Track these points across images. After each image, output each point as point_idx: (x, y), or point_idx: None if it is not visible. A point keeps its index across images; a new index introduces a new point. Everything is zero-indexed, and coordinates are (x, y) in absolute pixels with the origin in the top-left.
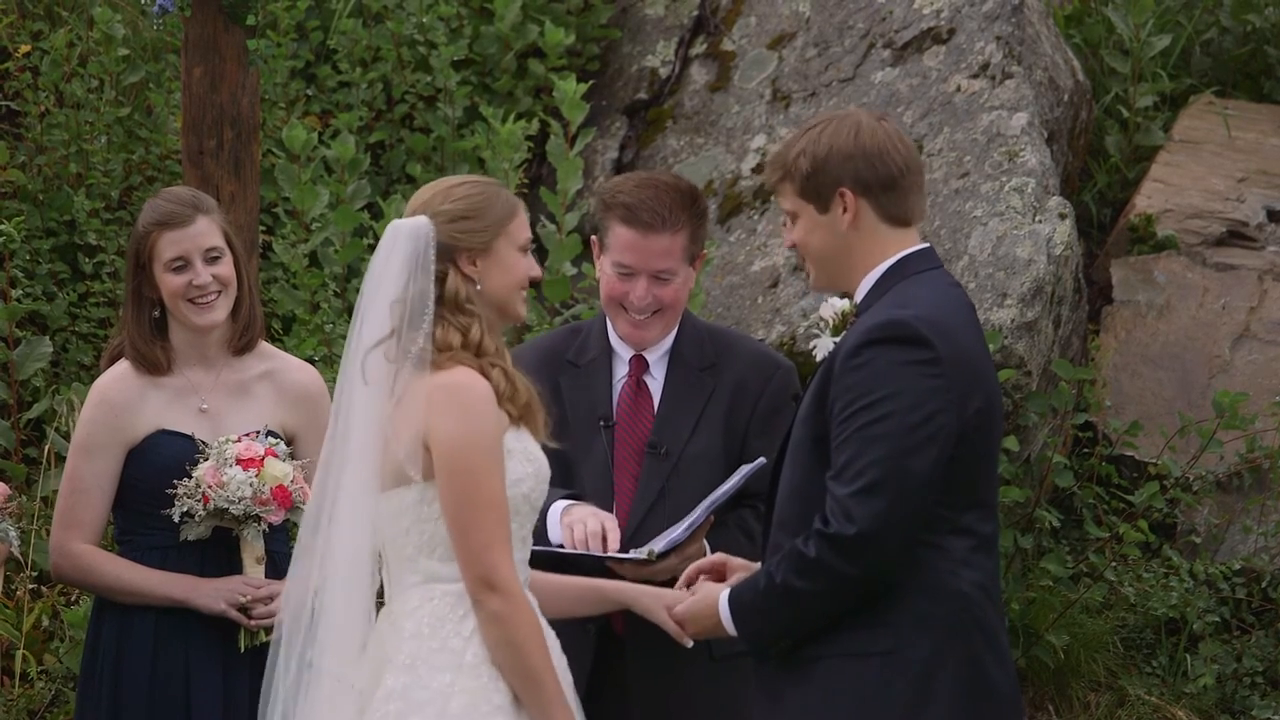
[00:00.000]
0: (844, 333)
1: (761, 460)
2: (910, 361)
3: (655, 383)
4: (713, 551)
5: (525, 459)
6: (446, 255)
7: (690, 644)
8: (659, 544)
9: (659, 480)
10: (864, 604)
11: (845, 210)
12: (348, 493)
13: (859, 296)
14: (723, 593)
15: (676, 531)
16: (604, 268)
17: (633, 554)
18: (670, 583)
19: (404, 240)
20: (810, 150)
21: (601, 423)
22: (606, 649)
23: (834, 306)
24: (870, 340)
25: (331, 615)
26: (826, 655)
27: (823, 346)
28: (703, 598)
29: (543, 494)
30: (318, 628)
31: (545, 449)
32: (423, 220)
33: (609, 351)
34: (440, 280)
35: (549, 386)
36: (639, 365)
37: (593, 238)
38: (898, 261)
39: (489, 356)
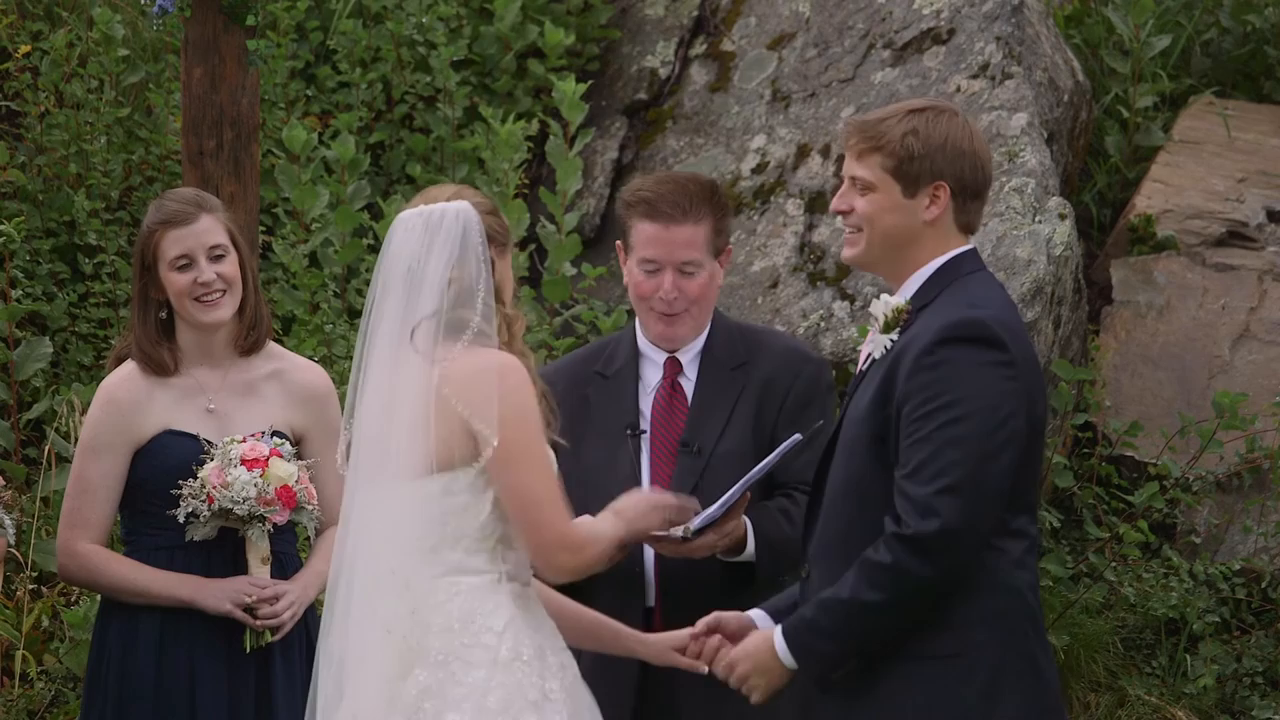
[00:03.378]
0: (898, 329)
1: (797, 436)
2: (988, 363)
3: (690, 383)
4: (752, 528)
5: None
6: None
7: (706, 669)
8: (695, 521)
9: (692, 478)
10: (930, 606)
11: (932, 204)
12: (398, 460)
13: (908, 291)
14: (776, 629)
15: (712, 509)
16: (630, 269)
17: (669, 531)
18: (703, 566)
19: (450, 221)
20: (924, 134)
21: (629, 431)
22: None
23: (886, 304)
24: (947, 339)
25: (382, 584)
26: (894, 656)
27: (877, 344)
28: (755, 646)
29: None
30: (369, 596)
31: (583, 452)
32: (466, 205)
33: (637, 359)
34: (490, 266)
35: (578, 400)
36: (673, 367)
37: (617, 243)
38: (951, 259)
39: (518, 351)
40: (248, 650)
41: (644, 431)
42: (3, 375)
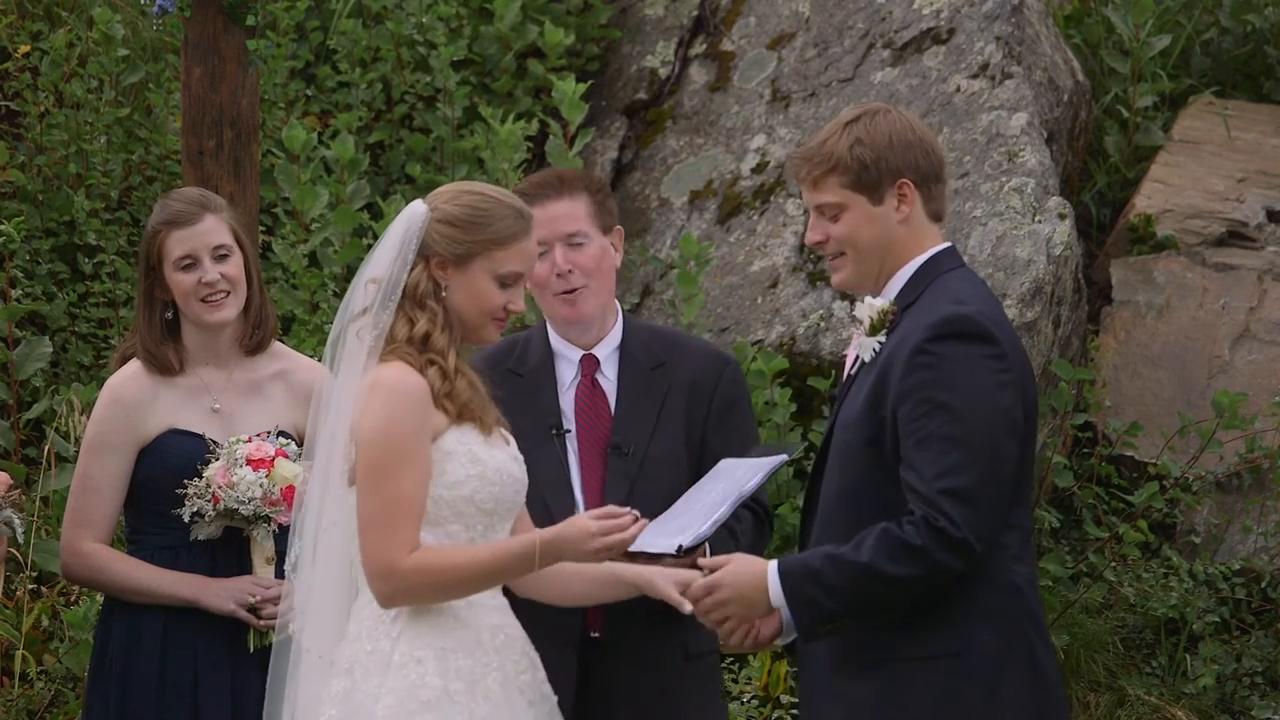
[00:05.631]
0: (885, 331)
1: (783, 457)
2: (982, 357)
3: (609, 382)
4: (709, 548)
5: (468, 461)
6: (423, 251)
7: (689, 609)
8: (687, 539)
9: (626, 481)
10: (931, 603)
11: (901, 203)
12: (326, 470)
13: (891, 292)
14: (770, 564)
15: (704, 527)
16: None
17: (662, 550)
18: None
19: (401, 222)
20: (869, 139)
21: (553, 430)
22: (589, 654)
23: (872, 306)
24: (938, 335)
25: (314, 597)
26: (895, 658)
27: (865, 347)
28: (744, 568)
29: (496, 495)
30: (305, 610)
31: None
32: (423, 209)
33: (551, 357)
34: (410, 271)
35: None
36: (590, 364)
37: None
38: (931, 258)
39: (431, 353)
40: (251, 650)
41: (568, 430)
42: (2, 375)
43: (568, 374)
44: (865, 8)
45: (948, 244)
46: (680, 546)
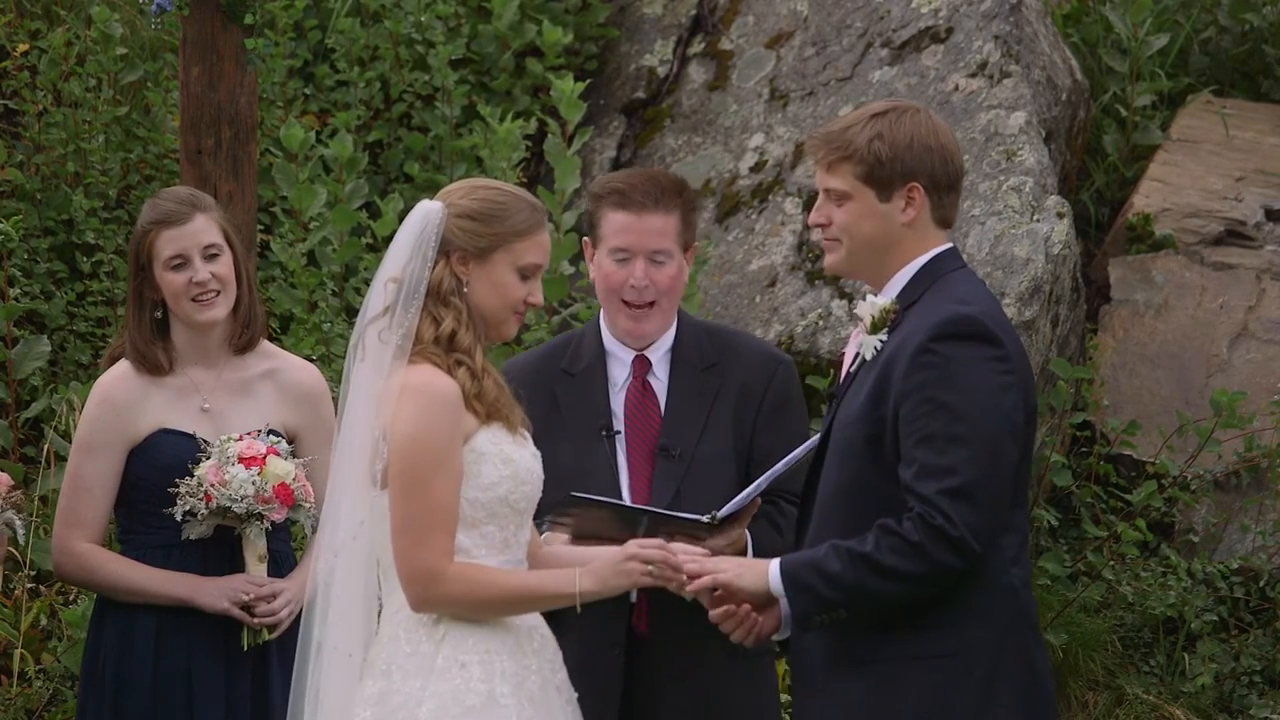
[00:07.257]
0: (886, 329)
1: (814, 440)
2: (986, 358)
3: (660, 383)
4: (751, 540)
5: (501, 461)
6: (444, 247)
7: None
8: (721, 510)
9: (673, 482)
10: (926, 603)
11: (908, 206)
12: (346, 473)
13: (893, 291)
14: (774, 560)
15: (739, 498)
16: (599, 261)
17: (696, 516)
18: None
19: (416, 220)
20: (890, 137)
21: (603, 431)
22: (634, 652)
23: (873, 304)
24: (942, 335)
25: (337, 597)
26: (889, 657)
27: (866, 345)
28: (748, 559)
29: (528, 494)
30: (328, 609)
31: (555, 454)
32: (437, 206)
33: (604, 357)
34: (432, 269)
35: (546, 398)
36: (642, 366)
37: (584, 239)
38: (932, 259)
39: (459, 353)
40: (245, 648)
41: (618, 432)
42: (1, 374)
43: (620, 374)
44: (863, 7)
45: (949, 245)
46: (714, 516)
